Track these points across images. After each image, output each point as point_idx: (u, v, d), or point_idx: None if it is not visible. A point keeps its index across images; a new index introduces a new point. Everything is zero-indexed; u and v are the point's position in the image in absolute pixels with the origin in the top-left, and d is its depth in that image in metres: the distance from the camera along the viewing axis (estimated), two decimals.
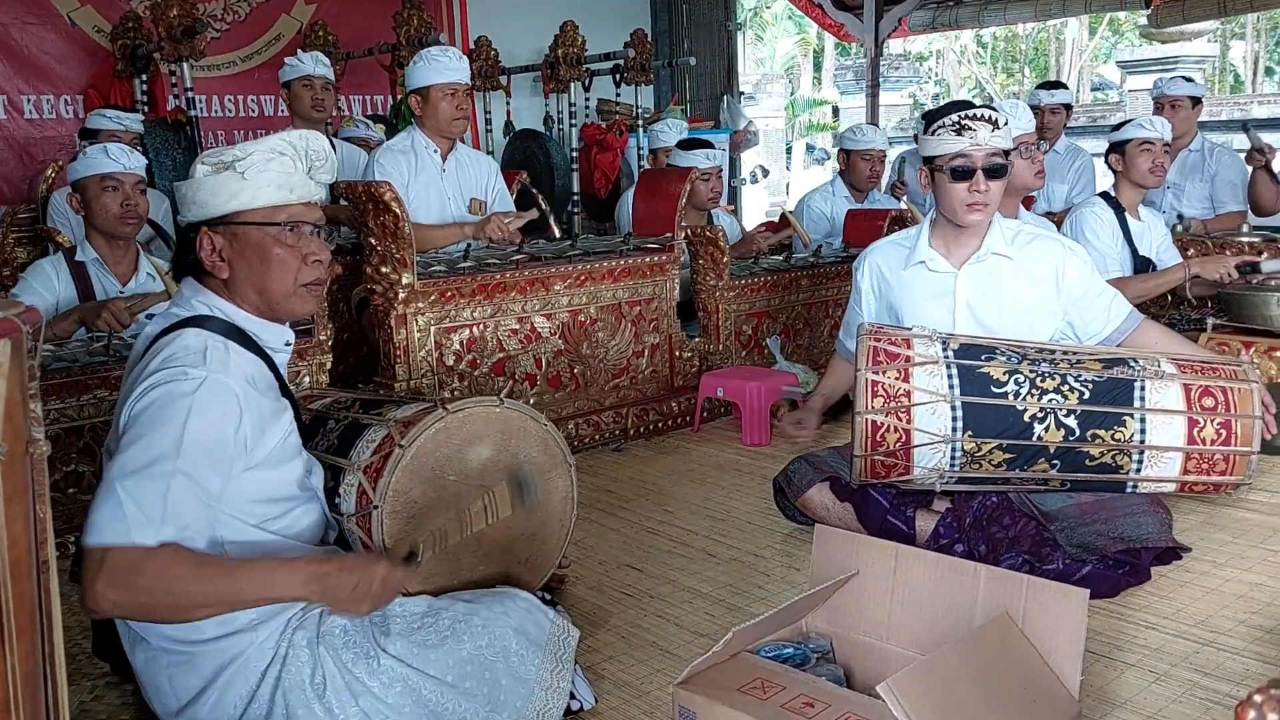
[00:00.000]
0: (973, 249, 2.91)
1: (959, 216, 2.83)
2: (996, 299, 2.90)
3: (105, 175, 3.29)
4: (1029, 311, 2.90)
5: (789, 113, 18.22)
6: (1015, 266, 2.90)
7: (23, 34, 5.97)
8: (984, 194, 2.78)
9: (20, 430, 1.08)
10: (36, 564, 1.13)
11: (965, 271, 2.91)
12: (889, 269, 3.03)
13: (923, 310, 2.94)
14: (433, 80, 3.83)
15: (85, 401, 2.93)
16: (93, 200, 3.30)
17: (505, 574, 2.21)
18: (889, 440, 2.65)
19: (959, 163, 2.77)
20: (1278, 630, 2.28)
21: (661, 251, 4.10)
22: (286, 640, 1.85)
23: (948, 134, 2.78)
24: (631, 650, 2.34)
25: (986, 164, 2.76)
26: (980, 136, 2.75)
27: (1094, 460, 2.62)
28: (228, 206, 1.85)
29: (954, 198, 2.80)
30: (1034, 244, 2.93)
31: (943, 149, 2.79)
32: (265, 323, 1.93)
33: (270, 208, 1.86)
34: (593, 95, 6.94)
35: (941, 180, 2.81)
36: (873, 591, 1.80)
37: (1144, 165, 4.33)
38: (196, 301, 1.89)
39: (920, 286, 2.96)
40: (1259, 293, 4.02)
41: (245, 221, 1.86)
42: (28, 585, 1.11)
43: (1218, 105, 11.36)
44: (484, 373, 3.67)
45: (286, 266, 1.88)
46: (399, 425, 2.17)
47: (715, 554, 2.88)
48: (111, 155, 3.31)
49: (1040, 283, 2.90)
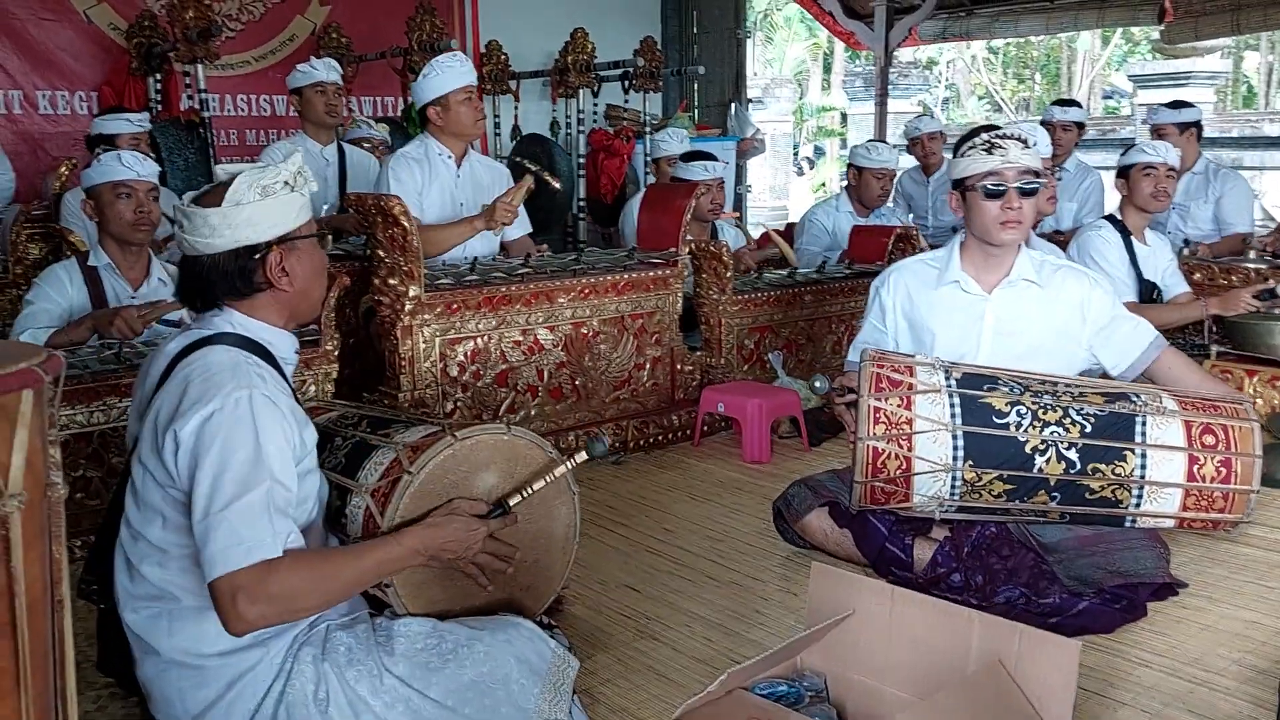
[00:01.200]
0: (1002, 274, 2.92)
1: (993, 235, 2.83)
2: (1025, 325, 2.91)
3: (119, 182, 3.33)
4: (1055, 340, 2.92)
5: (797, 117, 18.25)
6: (1043, 294, 2.91)
7: (39, 29, 6.00)
8: (1017, 211, 2.78)
9: (40, 477, 1.11)
10: (51, 603, 1.15)
11: (996, 296, 2.92)
12: (916, 288, 3.03)
13: (950, 331, 2.94)
14: (451, 86, 3.85)
15: (95, 408, 2.96)
16: (107, 207, 3.34)
17: (508, 600, 2.23)
18: (890, 467, 2.67)
19: (991, 181, 2.77)
20: (1271, 671, 2.30)
21: (665, 266, 4.12)
22: (293, 656, 1.89)
23: (978, 153, 2.79)
24: (628, 674, 2.37)
25: (1018, 181, 2.77)
26: (1011, 155, 2.76)
27: (1094, 494, 2.64)
28: (295, 221, 1.96)
29: (987, 216, 2.80)
30: (1059, 274, 2.95)
31: (974, 169, 2.79)
32: (281, 332, 2.01)
33: (309, 221, 2.00)
34: (601, 100, 6.96)
35: (974, 200, 2.81)
36: (868, 632, 1.83)
37: (1147, 190, 4.35)
38: (216, 320, 1.94)
39: (950, 307, 2.96)
40: (1263, 321, 4.04)
41: (304, 235, 1.98)
42: (42, 625, 1.14)
43: (1229, 122, 11.37)
44: (487, 383, 3.70)
45: (323, 272, 2.06)
46: (407, 450, 2.19)
47: (714, 576, 2.90)
48: (125, 163, 3.34)
49: (1067, 313, 2.92)
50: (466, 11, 7.40)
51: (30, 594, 1.09)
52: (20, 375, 1.05)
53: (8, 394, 1.03)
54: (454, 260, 3.89)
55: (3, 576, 1.05)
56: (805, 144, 18.89)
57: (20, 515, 1.05)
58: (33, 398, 1.07)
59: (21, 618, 1.07)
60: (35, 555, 1.10)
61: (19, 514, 1.04)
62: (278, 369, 1.96)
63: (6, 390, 1.03)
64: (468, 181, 4.03)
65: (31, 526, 1.08)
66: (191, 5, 5.39)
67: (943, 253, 3.04)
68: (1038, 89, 23.08)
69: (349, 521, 2.16)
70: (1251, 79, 21.45)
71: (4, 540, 1.04)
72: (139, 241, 3.43)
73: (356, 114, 6.30)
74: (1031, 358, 2.88)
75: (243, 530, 1.69)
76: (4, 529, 1.04)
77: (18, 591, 1.06)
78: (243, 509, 1.70)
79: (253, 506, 1.71)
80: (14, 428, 1.04)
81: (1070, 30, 8.74)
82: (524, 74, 6.99)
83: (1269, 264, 4.82)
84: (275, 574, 1.69)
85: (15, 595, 1.05)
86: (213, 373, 1.80)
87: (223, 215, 1.89)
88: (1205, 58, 10.71)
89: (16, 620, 1.06)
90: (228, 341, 1.89)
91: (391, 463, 2.19)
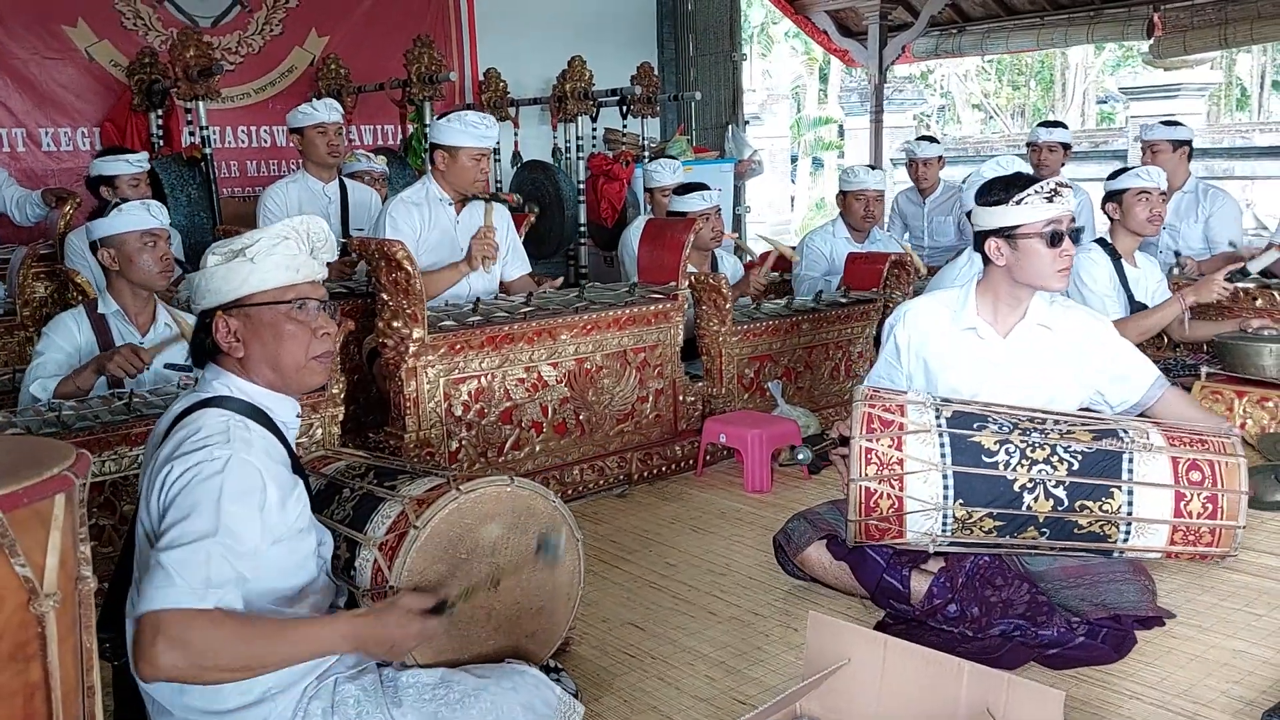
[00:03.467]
0: (1018, 316, 2.97)
1: (1051, 283, 2.88)
2: (1039, 368, 2.96)
3: (147, 231, 3.39)
4: (1063, 380, 2.98)
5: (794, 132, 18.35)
6: (1054, 336, 2.97)
7: (41, 68, 6.10)
8: (1071, 258, 2.86)
9: (71, 574, 1.17)
10: (83, 690, 1.22)
11: (1011, 340, 2.98)
12: (931, 330, 3.06)
13: (963, 375, 3.00)
14: (464, 143, 3.97)
15: (107, 458, 3.02)
16: (134, 255, 3.39)
17: (514, 648, 2.29)
18: (882, 506, 2.74)
19: (1053, 229, 2.81)
20: (1257, 701, 2.36)
21: (666, 299, 4.19)
22: (303, 710, 1.95)
23: (1039, 201, 2.81)
24: (633, 716, 2.43)
25: (1071, 229, 2.85)
26: (1069, 204, 2.85)
27: (1082, 529, 2.71)
28: (240, 290, 1.98)
29: (1046, 264, 2.84)
30: (1069, 315, 3.01)
31: (1034, 216, 2.81)
32: (279, 396, 2.06)
33: (279, 288, 2.00)
34: (600, 124, 7.05)
35: (1030, 247, 2.83)
36: (862, 680, 1.89)
37: (1142, 215, 4.42)
38: (217, 383, 2.02)
39: (965, 352, 3.01)
40: (1252, 343, 4.11)
41: (257, 302, 1.99)
42: (75, 710, 1.20)
43: (1220, 133, 11.44)
44: (492, 421, 3.77)
45: (298, 341, 2.02)
46: (413, 503, 2.26)
47: (716, 612, 2.97)
48: (153, 213, 3.43)
49: (1075, 352, 2.98)
50: (465, 40, 7.49)
51: (65, 684, 1.16)
52: (53, 482, 1.11)
53: (42, 500, 1.10)
54: (456, 300, 3.96)
55: (39, 671, 1.11)
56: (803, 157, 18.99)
57: (55, 613, 1.12)
58: (64, 501, 1.13)
59: (57, 709, 1.14)
60: (69, 648, 1.17)
61: (54, 612, 1.11)
62: (279, 433, 2.03)
63: (41, 497, 1.09)
64: (467, 226, 4.11)
65: (65, 622, 1.15)
66: (192, 44, 5.48)
67: (958, 294, 3.07)
68: (1033, 96, 23.14)
69: (357, 574, 2.23)
70: (1245, 81, 21.51)
71: (40, 637, 1.10)
72: (162, 288, 3.51)
73: (356, 148, 6.36)
74: (1040, 396, 2.94)
75: (177, 576, 1.71)
76: (40, 627, 1.10)
77: (53, 685, 1.13)
78: (184, 555, 1.73)
79: (195, 555, 1.73)
80: (48, 531, 1.11)
81: (1060, 45, 8.83)
82: (523, 101, 7.08)
83: (1258, 282, 4.89)
84: (198, 626, 1.70)
85: (51, 689, 1.12)
86: (202, 435, 1.87)
87: (198, 278, 2.01)
88: (1195, 69, 10.79)
89: (53, 711, 1.13)
90: (227, 405, 1.96)
91: (398, 516, 2.26)
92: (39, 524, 1.11)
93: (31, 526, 1.09)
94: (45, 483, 1.11)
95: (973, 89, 23.07)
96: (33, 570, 1.08)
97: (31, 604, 1.08)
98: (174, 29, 6.19)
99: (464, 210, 4.11)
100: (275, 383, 2.04)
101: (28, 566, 1.07)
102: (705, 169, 7.36)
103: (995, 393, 2.95)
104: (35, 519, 1.10)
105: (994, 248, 2.89)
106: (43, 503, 1.10)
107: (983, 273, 3.01)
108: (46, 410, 3.04)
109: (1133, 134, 11.09)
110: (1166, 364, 4.57)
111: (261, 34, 6.80)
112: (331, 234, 2.11)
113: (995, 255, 2.90)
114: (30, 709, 1.09)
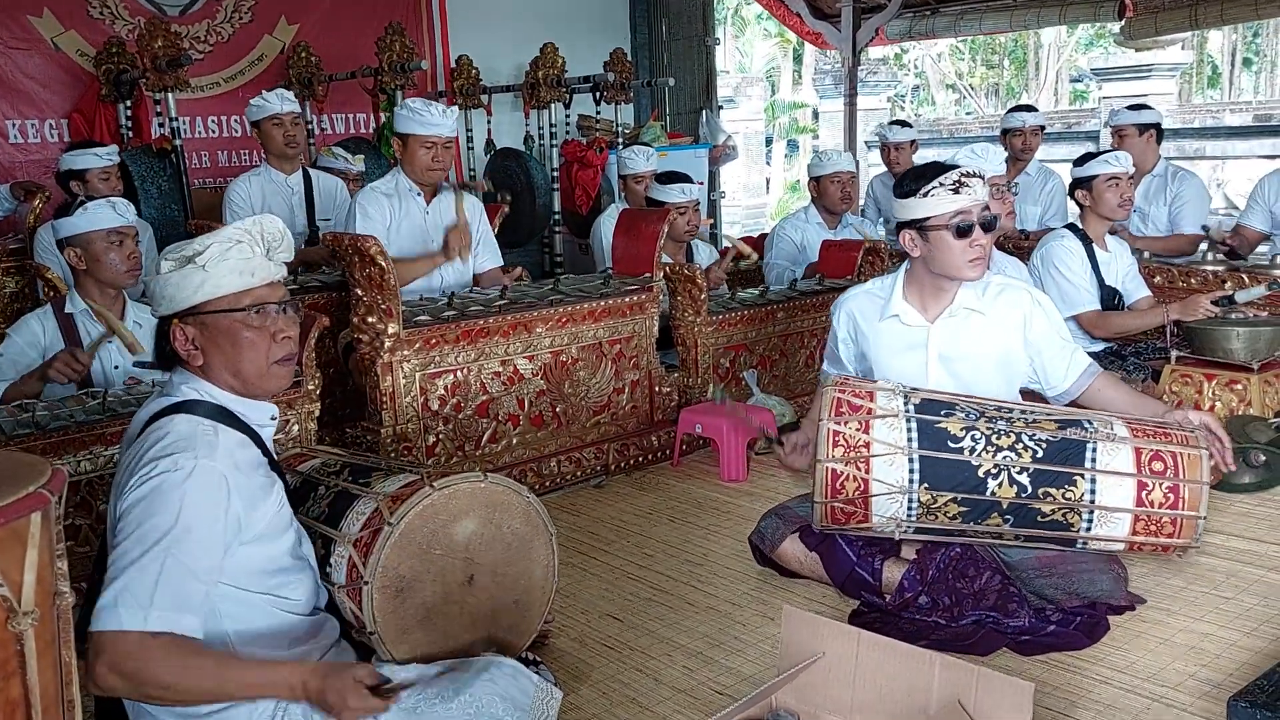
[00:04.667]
0: (945, 303, 3.00)
1: (963, 273, 2.90)
2: (969, 353, 3.00)
3: (113, 230, 3.37)
4: (1000, 365, 3.01)
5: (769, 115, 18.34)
6: (986, 321, 2.99)
7: (6, 58, 6.01)
8: (983, 247, 2.87)
9: (49, 589, 1.18)
10: (62, 705, 1.23)
11: (938, 326, 3.01)
12: (864, 319, 3.12)
13: (895, 363, 3.04)
14: (412, 130, 3.95)
15: (82, 457, 3.01)
16: (101, 254, 3.36)
17: (490, 640, 2.32)
18: (848, 488, 2.77)
19: (960, 220, 2.83)
20: (1224, 684, 2.41)
21: (641, 291, 4.20)
22: (283, 710, 1.96)
23: (944, 193, 2.83)
24: (612, 707, 2.46)
25: (983, 219, 2.86)
26: (978, 194, 2.85)
27: (1045, 517, 2.75)
28: (194, 298, 1.95)
29: (956, 255, 2.86)
30: (1003, 296, 3.03)
31: (940, 209, 2.83)
32: (250, 401, 2.04)
33: (234, 294, 1.97)
34: (573, 111, 7.03)
35: (940, 239, 2.85)
36: (836, 673, 1.93)
37: (1112, 200, 4.46)
38: (185, 388, 2.00)
39: (893, 340, 3.05)
40: (1221, 327, 4.15)
41: (212, 310, 1.96)
42: None
43: (1191, 113, 11.52)
44: (468, 415, 3.78)
45: (257, 348, 1.99)
46: (387, 500, 2.27)
47: (693, 602, 3.00)
48: (119, 211, 3.39)
49: (1009, 334, 3.00)
50: (436, 27, 7.45)
51: (45, 700, 1.17)
52: (29, 500, 1.12)
53: (19, 519, 1.10)
54: (429, 293, 3.96)
55: (19, 688, 1.12)
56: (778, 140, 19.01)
57: (33, 631, 1.12)
58: (40, 519, 1.14)
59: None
60: (48, 663, 1.17)
61: (32, 630, 1.12)
62: (253, 434, 2.02)
63: (17, 516, 1.10)
64: (436, 217, 4.10)
65: (44, 638, 1.16)
66: (160, 34, 5.41)
67: (888, 282, 3.11)
68: (1007, 75, 23.23)
69: (333, 570, 2.24)
70: (1216, 59, 21.67)
71: (19, 655, 1.11)
72: (129, 285, 3.48)
73: (330, 141, 6.31)
74: (976, 383, 2.98)
75: (122, 597, 1.70)
76: (19, 645, 1.11)
77: (33, 701, 1.13)
78: (134, 574, 1.72)
79: (144, 574, 1.72)
80: (25, 549, 1.12)
81: (1033, 27, 8.89)
82: (495, 88, 7.04)
83: (1227, 265, 4.96)
84: (137, 654, 1.69)
85: (31, 705, 1.13)
86: (168, 442, 1.86)
87: (153, 284, 1.98)
88: (1167, 50, 10.87)
89: None
90: (196, 410, 1.94)
91: (373, 513, 2.28)
92: (16, 543, 1.11)
93: (8, 545, 1.09)
94: (21, 501, 1.11)
95: (946, 69, 23.13)
96: (10, 589, 1.09)
97: (10, 623, 1.09)
98: (141, 18, 6.12)
99: (434, 200, 4.11)
100: (239, 389, 2.02)
101: (5, 585, 1.08)
102: (680, 155, 7.36)
103: (931, 380, 2.99)
104: (12, 538, 1.11)
105: (908, 240, 2.93)
106: (19, 521, 1.11)
107: (909, 262, 3.05)
108: (20, 411, 3.02)
109: (1104, 116, 11.17)
110: (1136, 348, 4.64)
111: (230, 22, 6.73)
112: (288, 232, 2.06)
113: (910, 247, 2.94)
114: None
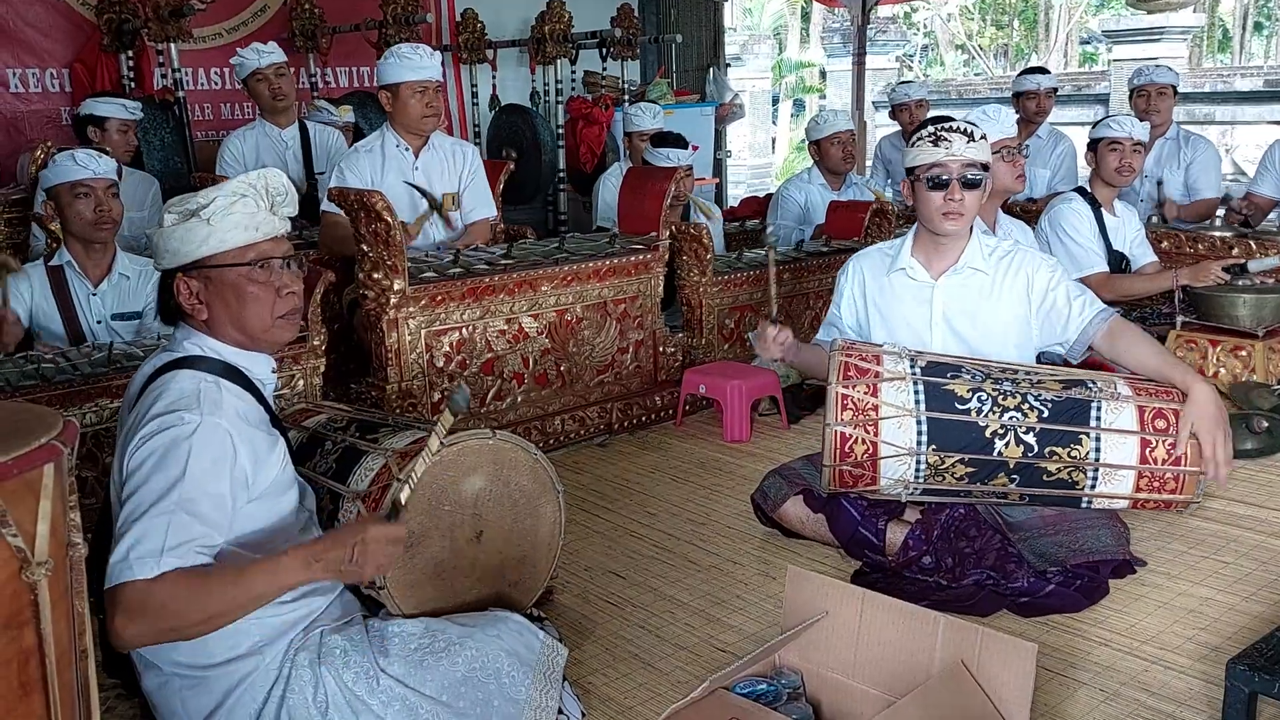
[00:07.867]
0: (951, 261, 3.02)
1: (935, 225, 2.95)
2: (972, 312, 3.02)
3: (77, 182, 3.35)
4: (1004, 326, 3.02)
5: (776, 74, 18.17)
6: (990, 281, 3.01)
7: (8, 7, 5.93)
8: (959, 203, 2.89)
9: (62, 540, 1.19)
10: (76, 655, 1.24)
11: (942, 283, 3.03)
12: (872, 275, 3.15)
13: (901, 316, 3.06)
14: (403, 78, 3.90)
15: (88, 410, 3.02)
16: (66, 208, 3.37)
17: (497, 596, 2.34)
18: (857, 451, 2.78)
19: (935, 173, 2.88)
20: (1223, 648, 2.43)
21: (647, 250, 4.18)
22: (290, 661, 1.97)
23: (925, 145, 2.89)
24: (615, 664, 2.48)
25: (961, 175, 2.87)
26: (956, 148, 2.86)
27: (1051, 476, 2.77)
28: (198, 252, 1.94)
29: (930, 207, 2.92)
30: (1009, 259, 3.04)
31: (920, 159, 2.90)
32: (251, 354, 2.04)
33: (239, 248, 1.95)
34: (579, 67, 6.96)
35: (920, 190, 2.93)
36: (840, 632, 1.94)
37: (1111, 164, 4.45)
38: (188, 343, 2.00)
39: (899, 293, 3.08)
40: (1227, 293, 4.15)
41: (217, 264, 1.95)
42: (70, 677, 1.23)
43: (1201, 77, 11.40)
44: (473, 373, 3.78)
45: (261, 302, 1.98)
46: (396, 456, 2.28)
47: (695, 560, 3.01)
48: (80, 162, 3.37)
49: (1014, 296, 3.01)
50: None
51: (58, 649, 1.18)
52: (42, 452, 1.12)
53: (32, 470, 1.11)
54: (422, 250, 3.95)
55: (33, 637, 1.13)
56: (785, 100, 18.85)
57: (47, 581, 1.13)
58: (54, 470, 1.14)
59: (52, 674, 1.16)
60: (61, 613, 1.18)
61: (46, 580, 1.13)
62: (255, 390, 2.02)
63: (30, 467, 1.10)
64: (425, 172, 4.08)
65: (57, 588, 1.17)
66: None
67: (900, 240, 3.16)
68: (1016, 36, 22.98)
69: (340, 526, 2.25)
70: (1227, 22, 21.41)
71: (34, 605, 1.12)
72: (101, 240, 3.47)
73: (316, 99, 6.22)
74: (984, 344, 2.99)
75: (133, 549, 1.70)
76: (33, 594, 1.12)
77: (48, 651, 1.14)
78: (142, 527, 1.72)
79: (153, 528, 1.72)
80: (39, 500, 1.12)
81: None
82: (501, 43, 6.97)
83: (1235, 232, 4.93)
84: (153, 594, 1.69)
85: (46, 654, 1.14)
86: (173, 398, 1.86)
87: (156, 237, 1.97)
88: (1179, 12, 10.74)
89: (48, 676, 1.15)
90: (199, 366, 1.94)
91: (381, 469, 2.29)
92: (29, 494, 1.12)
93: (22, 496, 1.10)
94: (35, 452, 1.12)
95: (956, 29, 22.88)
96: (24, 540, 1.09)
97: (24, 572, 1.10)
98: None
99: (423, 155, 4.07)
100: (243, 343, 2.01)
101: (19, 536, 1.09)
102: (686, 112, 7.30)
103: (935, 339, 3.02)
104: (25, 489, 1.11)
105: (905, 188, 3.01)
106: (32, 472, 1.11)
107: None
108: (25, 364, 3.03)
109: (1116, 78, 11.05)
110: (1142, 313, 4.63)
111: None
112: (292, 186, 2.05)
113: (906, 195, 3.01)
114: (25, 675, 1.11)
